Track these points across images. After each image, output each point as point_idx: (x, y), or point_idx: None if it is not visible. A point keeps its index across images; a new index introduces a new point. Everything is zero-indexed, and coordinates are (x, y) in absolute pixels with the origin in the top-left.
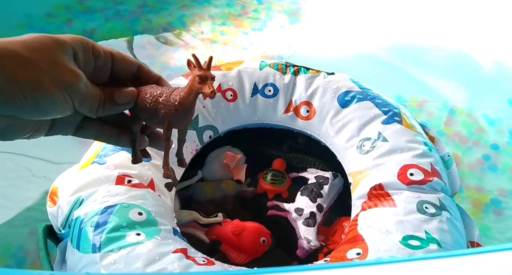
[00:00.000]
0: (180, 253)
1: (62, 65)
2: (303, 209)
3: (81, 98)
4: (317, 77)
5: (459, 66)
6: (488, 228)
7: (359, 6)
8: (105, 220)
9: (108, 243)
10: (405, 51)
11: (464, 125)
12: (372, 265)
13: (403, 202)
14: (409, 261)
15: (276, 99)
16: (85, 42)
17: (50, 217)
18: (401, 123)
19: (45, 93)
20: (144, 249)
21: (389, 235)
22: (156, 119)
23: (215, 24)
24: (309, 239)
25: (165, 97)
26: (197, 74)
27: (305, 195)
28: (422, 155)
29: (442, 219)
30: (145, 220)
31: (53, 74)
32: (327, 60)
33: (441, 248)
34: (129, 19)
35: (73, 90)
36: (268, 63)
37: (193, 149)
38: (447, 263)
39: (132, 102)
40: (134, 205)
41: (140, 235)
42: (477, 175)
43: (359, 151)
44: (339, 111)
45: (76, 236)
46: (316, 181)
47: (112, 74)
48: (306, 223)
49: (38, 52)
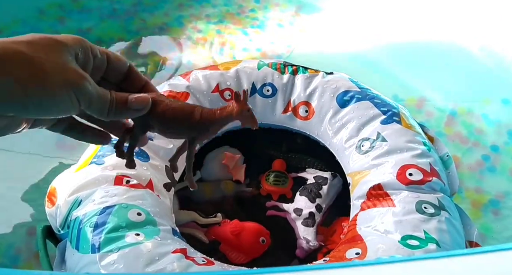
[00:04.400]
0: (179, 253)
1: (67, 66)
2: (302, 209)
3: (89, 99)
4: (315, 77)
5: (459, 65)
6: (486, 228)
7: (358, 5)
8: (104, 221)
9: (107, 243)
10: (404, 51)
11: (464, 126)
12: (371, 265)
13: (402, 202)
14: (408, 261)
15: (274, 99)
16: (83, 42)
17: (49, 218)
18: (400, 123)
19: (50, 94)
20: (144, 249)
21: (388, 235)
22: (174, 132)
23: (212, 23)
24: (308, 239)
25: (197, 116)
26: (246, 108)
27: (304, 195)
28: (421, 155)
29: (441, 219)
30: (144, 220)
31: (59, 75)
32: (326, 60)
33: (440, 248)
34: (124, 18)
35: (80, 91)
36: (266, 63)
37: None
38: (446, 263)
39: (145, 109)
40: (133, 206)
41: (139, 235)
42: (476, 176)
43: (358, 151)
44: (338, 111)
45: (75, 236)
46: (315, 181)
47: (104, 74)
48: (305, 223)
49: (43, 53)
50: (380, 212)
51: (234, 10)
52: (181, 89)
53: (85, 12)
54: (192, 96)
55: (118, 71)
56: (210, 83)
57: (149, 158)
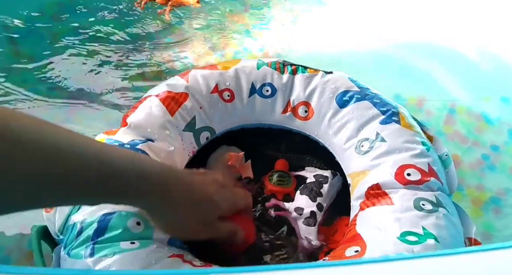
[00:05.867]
0: (176, 258)
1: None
2: (303, 208)
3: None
4: (315, 77)
5: (459, 65)
6: (487, 226)
7: (357, 4)
8: (103, 227)
9: (102, 249)
10: (404, 50)
11: (463, 125)
12: (371, 263)
13: (400, 199)
14: (408, 259)
15: (274, 99)
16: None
17: (47, 223)
18: (399, 123)
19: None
20: (140, 254)
21: (387, 232)
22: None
23: (212, 22)
24: (309, 239)
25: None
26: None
27: (305, 194)
28: (420, 155)
29: (438, 215)
30: (142, 231)
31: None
32: (325, 59)
33: (438, 243)
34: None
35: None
36: (265, 62)
37: (189, 151)
38: (446, 261)
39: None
40: (132, 214)
41: (134, 243)
42: (477, 174)
43: (357, 152)
44: (337, 111)
45: (72, 241)
46: (315, 180)
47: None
48: (306, 223)
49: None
50: (378, 210)
51: (235, 8)
52: (180, 90)
53: (85, 11)
54: (191, 97)
55: None
56: (209, 84)
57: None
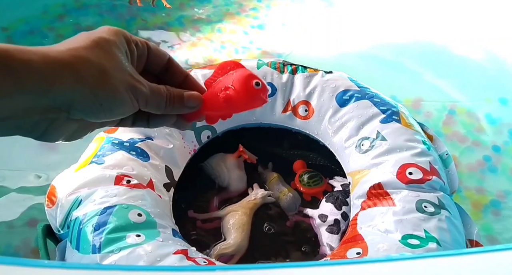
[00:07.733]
0: (181, 254)
1: (124, 68)
2: (327, 216)
3: (145, 98)
4: (315, 76)
5: (458, 64)
6: (487, 229)
7: (357, 4)
8: (105, 221)
9: (108, 244)
10: (404, 50)
11: (463, 125)
12: (372, 263)
13: (402, 201)
14: (408, 259)
15: (274, 98)
16: (125, 35)
17: (49, 217)
18: (399, 122)
19: (118, 99)
20: (145, 251)
21: (388, 234)
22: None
23: (213, 23)
24: (332, 246)
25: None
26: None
27: (330, 202)
28: (421, 154)
29: (441, 218)
30: (144, 221)
31: (120, 78)
32: (325, 59)
33: (440, 247)
34: (125, 18)
35: (137, 91)
36: (265, 62)
37: (191, 149)
38: (447, 262)
39: (198, 107)
40: (133, 206)
41: (140, 236)
42: (477, 175)
43: (358, 150)
44: (337, 110)
45: (76, 236)
46: (342, 189)
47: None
48: (329, 230)
49: (104, 58)
50: (380, 211)
51: (234, 9)
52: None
53: (84, 10)
54: None
55: (158, 63)
56: None
57: (149, 158)
